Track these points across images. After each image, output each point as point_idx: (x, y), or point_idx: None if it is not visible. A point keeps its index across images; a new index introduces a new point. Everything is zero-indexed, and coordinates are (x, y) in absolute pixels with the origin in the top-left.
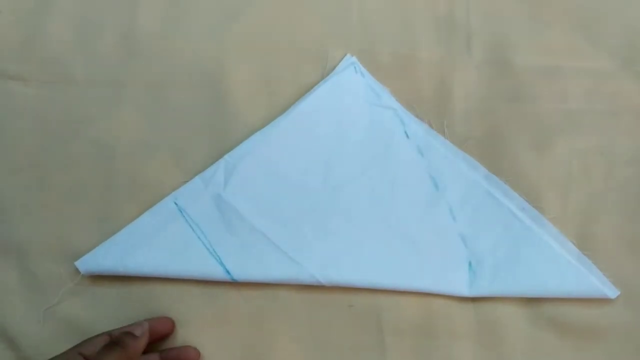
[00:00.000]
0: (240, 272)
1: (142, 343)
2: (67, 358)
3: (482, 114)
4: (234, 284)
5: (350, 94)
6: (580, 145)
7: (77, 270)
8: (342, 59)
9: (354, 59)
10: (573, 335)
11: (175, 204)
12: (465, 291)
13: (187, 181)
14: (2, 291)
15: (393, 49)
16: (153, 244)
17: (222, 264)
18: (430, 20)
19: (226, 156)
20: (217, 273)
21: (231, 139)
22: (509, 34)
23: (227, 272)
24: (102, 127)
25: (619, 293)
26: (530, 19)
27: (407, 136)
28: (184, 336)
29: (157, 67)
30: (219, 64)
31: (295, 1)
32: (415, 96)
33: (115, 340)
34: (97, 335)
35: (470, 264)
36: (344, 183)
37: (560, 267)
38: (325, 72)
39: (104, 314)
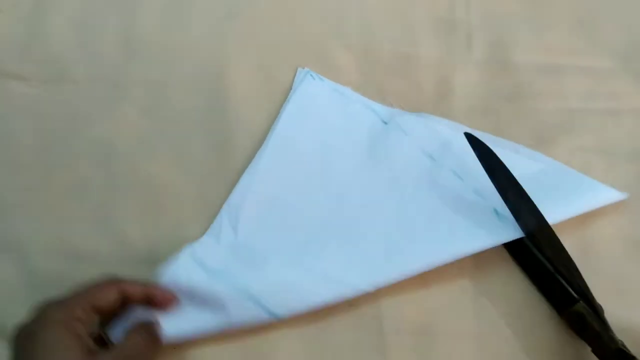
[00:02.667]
0: (283, 308)
1: None
2: (75, 313)
3: (482, 113)
4: None
5: (318, 101)
6: (580, 144)
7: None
8: (295, 75)
9: (307, 69)
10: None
11: (194, 260)
12: (504, 237)
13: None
14: (2, 290)
15: (393, 48)
16: (180, 306)
17: (260, 304)
18: (431, 19)
19: (225, 206)
20: (260, 315)
21: (231, 139)
22: (509, 33)
23: (269, 311)
24: (102, 127)
25: (628, 194)
26: (530, 18)
27: (385, 122)
28: None
29: (157, 67)
30: (219, 63)
31: (295, 0)
32: (416, 95)
33: (150, 332)
34: (105, 283)
35: (495, 210)
36: (345, 188)
37: (570, 187)
38: (326, 73)
39: None
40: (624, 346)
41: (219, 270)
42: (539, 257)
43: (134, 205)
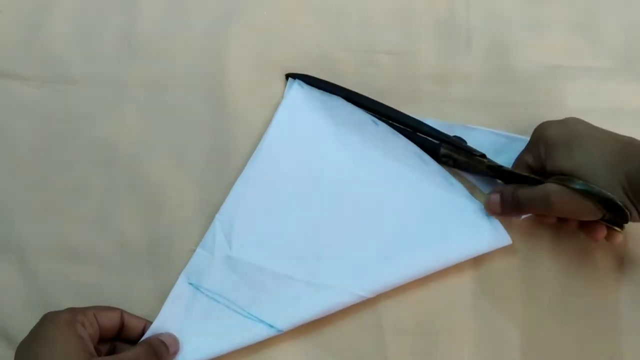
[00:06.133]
0: (284, 321)
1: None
2: (78, 317)
3: (482, 113)
4: None
5: (309, 106)
6: None
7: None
8: (287, 82)
9: (297, 79)
10: (573, 332)
11: (190, 283)
12: (497, 242)
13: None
14: (2, 291)
15: (393, 49)
16: (185, 334)
17: (262, 321)
18: (430, 20)
19: (217, 216)
20: (262, 332)
21: (231, 139)
22: (509, 33)
23: (271, 326)
24: (102, 127)
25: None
26: (530, 19)
27: (377, 124)
28: None
29: (157, 67)
30: (218, 64)
31: (294, 1)
32: (415, 96)
33: (154, 348)
34: (110, 306)
35: (487, 215)
36: (339, 193)
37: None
38: (325, 74)
39: None
40: (491, 161)
41: (217, 291)
42: (398, 126)
43: (134, 205)
